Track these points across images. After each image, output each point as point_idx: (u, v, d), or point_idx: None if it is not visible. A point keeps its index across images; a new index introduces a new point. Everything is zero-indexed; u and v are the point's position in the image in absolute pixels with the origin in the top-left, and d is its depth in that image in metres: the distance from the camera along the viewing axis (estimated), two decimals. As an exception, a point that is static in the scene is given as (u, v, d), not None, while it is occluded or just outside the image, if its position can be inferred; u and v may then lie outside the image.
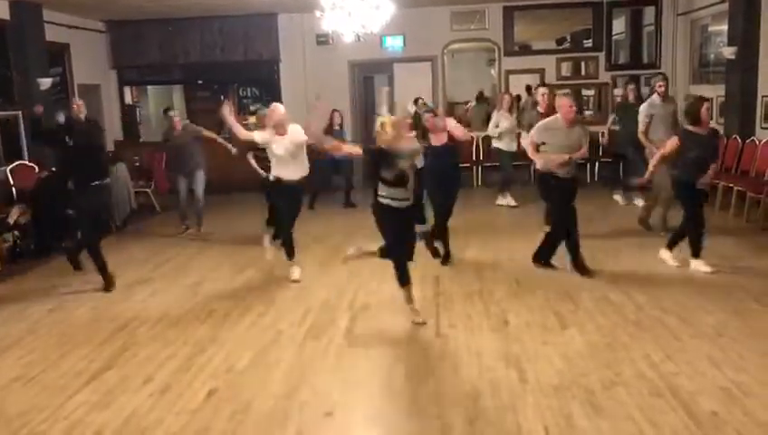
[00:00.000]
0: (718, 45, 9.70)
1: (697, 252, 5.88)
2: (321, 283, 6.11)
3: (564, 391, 3.74)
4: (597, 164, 11.03)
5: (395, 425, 3.53)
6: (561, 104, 5.79)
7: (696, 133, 5.72)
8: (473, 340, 4.60)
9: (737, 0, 8.74)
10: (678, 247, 6.01)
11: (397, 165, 4.73)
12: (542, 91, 7.39)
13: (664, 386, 3.75)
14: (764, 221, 7.22)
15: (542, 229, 7.19)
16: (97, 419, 3.67)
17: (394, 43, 11.76)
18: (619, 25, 12.10)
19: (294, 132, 6.01)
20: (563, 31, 12.73)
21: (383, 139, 4.80)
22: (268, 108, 6.26)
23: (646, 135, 7.36)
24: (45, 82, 9.35)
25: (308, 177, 6.23)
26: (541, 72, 11.77)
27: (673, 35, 11.24)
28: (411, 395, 3.83)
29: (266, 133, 6.05)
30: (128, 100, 12.76)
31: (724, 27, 9.29)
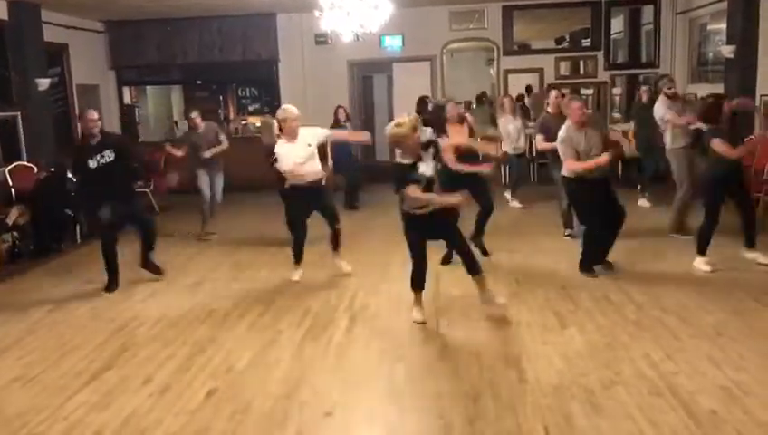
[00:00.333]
0: (717, 44, 9.69)
1: (703, 250, 5.88)
2: (320, 283, 6.10)
3: (564, 391, 3.74)
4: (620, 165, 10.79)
5: (394, 425, 3.52)
6: (571, 108, 5.75)
7: (721, 129, 5.69)
8: (472, 340, 4.60)
9: (736, -1, 8.75)
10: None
11: (420, 174, 4.64)
12: (554, 93, 7.42)
13: (663, 385, 3.75)
14: (765, 219, 7.22)
15: (563, 235, 7.24)
16: (96, 419, 3.67)
17: (393, 43, 11.76)
18: (618, 24, 12.11)
19: (307, 131, 5.92)
20: (562, 30, 12.75)
21: (402, 134, 4.61)
22: (275, 112, 5.97)
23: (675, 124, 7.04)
24: (44, 83, 9.33)
25: (343, 175, 5.96)
26: (540, 72, 11.79)
27: (672, 34, 11.24)
28: (411, 395, 3.83)
29: (279, 146, 5.89)
30: (126, 100, 12.75)
31: (722, 26, 9.29)
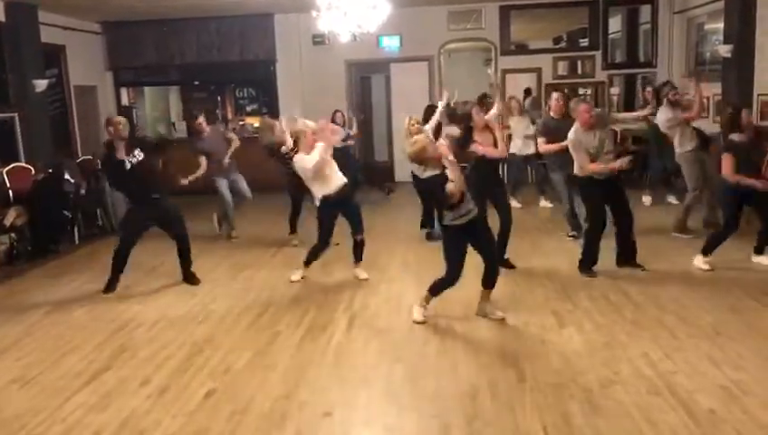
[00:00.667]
0: (714, 43, 9.71)
1: (708, 251, 5.90)
2: (318, 283, 6.10)
3: (562, 390, 3.74)
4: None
5: (393, 425, 3.52)
6: (579, 110, 5.76)
7: (740, 141, 5.75)
8: (471, 339, 4.61)
9: (733, -2, 8.76)
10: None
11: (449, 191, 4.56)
12: (556, 95, 7.42)
13: (662, 385, 3.75)
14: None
15: (566, 235, 7.29)
16: (95, 420, 3.67)
17: (390, 43, 11.75)
18: (616, 24, 12.12)
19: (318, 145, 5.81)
20: (560, 30, 12.74)
21: (419, 148, 4.60)
22: (274, 112, 5.88)
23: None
24: (41, 84, 9.32)
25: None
26: (537, 72, 11.79)
27: (669, 34, 11.25)
28: (410, 395, 3.83)
29: (297, 161, 5.79)
30: (124, 101, 12.72)
31: (719, 25, 9.30)
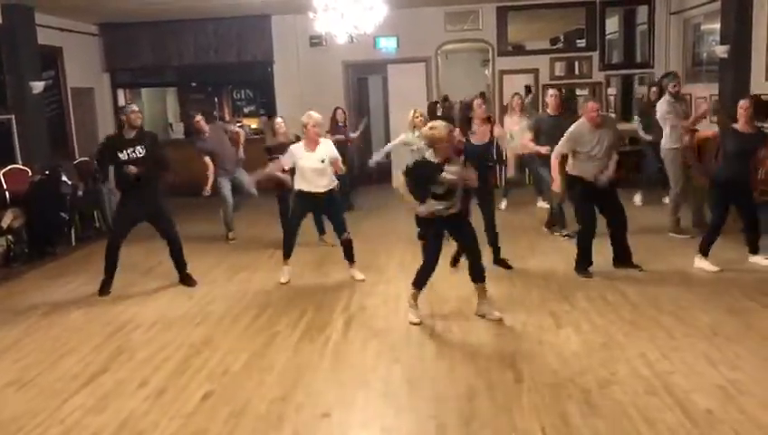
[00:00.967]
0: (711, 44, 9.72)
1: (705, 251, 5.92)
2: (316, 284, 6.10)
3: (560, 391, 3.74)
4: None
5: (391, 426, 3.52)
6: (587, 108, 5.77)
7: (739, 132, 5.73)
8: (468, 340, 4.61)
9: (729, -1, 8.78)
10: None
11: (443, 179, 4.66)
12: (552, 92, 7.33)
13: (659, 385, 3.76)
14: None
15: (560, 235, 7.30)
16: (93, 422, 3.66)
17: (388, 44, 11.74)
18: (613, 25, 12.13)
19: (327, 146, 5.94)
20: (557, 31, 12.75)
21: (436, 136, 4.60)
22: (271, 113, 5.94)
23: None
24: (38, 86, 9.30)
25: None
26: (535, 72, 11.80)
27: (666, 34, 11.27)
28: (407, 396, 3.83)
29: (294, 150, 5.91)
30: (121, 102, 12.67)
31: (716, 26, 9.31)
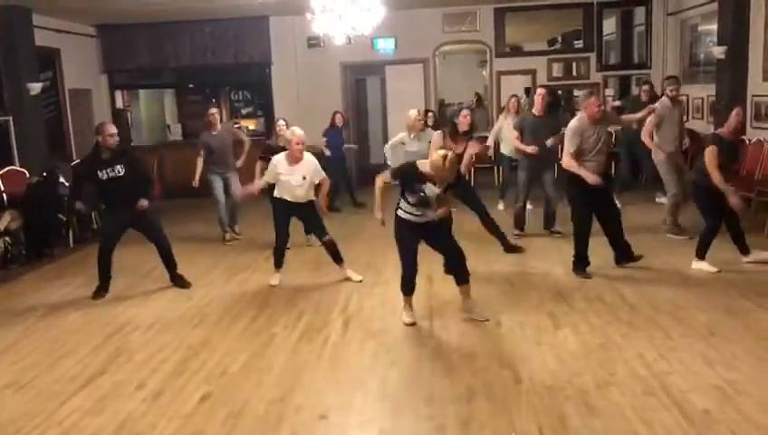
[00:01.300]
0: (708, 45, 9.74)
1: (702, 253, 5.91)
2: (314, 285, 6.10)
3: (558, 392, 3.75)
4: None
5: (389, 427, 3.52)
6: (589, 102, 5.84)
7: (725, 139, 5.76)
8: (466, 341, 4.61)
9: (726, 0, 8.79)
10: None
11: (422, 192, 4.67)
12: (540, 91, 7.25)
13: (657, 385, 3.77)
14: (756, 219, 7.25)
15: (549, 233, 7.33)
16: (91, 424, 3.66)
17: (385, 46, 11.76)
18: (610, 26, 12.16)
19: (310, 164, 5.89)
20: (554, 32, 12.78)
21: (438, 166, 4.56)
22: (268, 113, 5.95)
23: (650, 136, 7.25)
24: (35, 87, 9.30)
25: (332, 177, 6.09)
26: (532, 74, 11.81)
27: (663, 35, 11.29)
28: (405, 397, 3.83)
29: (277, 163, 5.89)
30: (119, 104, 12.71)
31: (713, 27, 9.33)
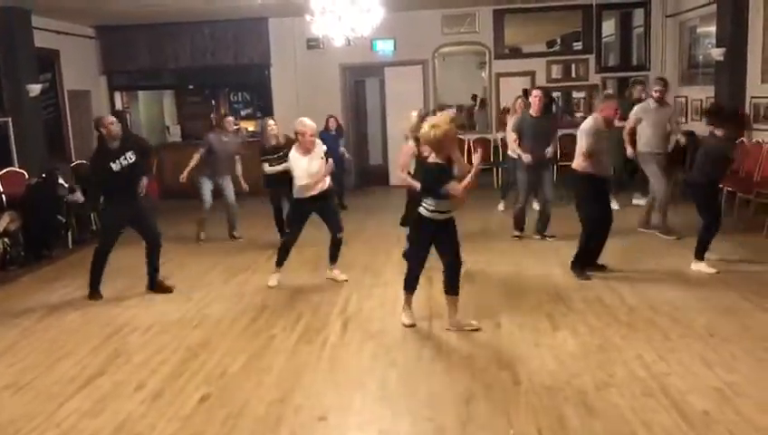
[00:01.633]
0: (707, 47, 9.76)
1: (701, 254, 5.91)
2: (313, 286, 6.10)
3: (557, 393, 3.75)
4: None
5: (388, 428, 3.52)
6: (608, 105, 5.78)
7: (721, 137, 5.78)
8: (465, 342, 4.61)
9: (725, 2, 8.81)
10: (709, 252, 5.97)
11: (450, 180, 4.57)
12: (535, 93, 7.23)
13: (656, 386, 3.77)
14: (755, 219, 7.27)
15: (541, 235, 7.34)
16: (90, 425, 3.66)
17: (385, 47, 11.78)
18: (609, 28, 12.19)
19: (320, 145, 5.91)
20: (553, 33, 12.79)
21: (441, 135, 4.44)
22: (265, 118, 5.94)
23: (631, 136, 7.33)
24: (35, 89, 9.31)
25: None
26: (531, 75, 11.83)
27: (662, 37, 11.32)
28: (404, 398, 3.83)
29: (295, 160, 5.86)
30: (118, 105, 12.71)
31: (712, 29, 9.35)
